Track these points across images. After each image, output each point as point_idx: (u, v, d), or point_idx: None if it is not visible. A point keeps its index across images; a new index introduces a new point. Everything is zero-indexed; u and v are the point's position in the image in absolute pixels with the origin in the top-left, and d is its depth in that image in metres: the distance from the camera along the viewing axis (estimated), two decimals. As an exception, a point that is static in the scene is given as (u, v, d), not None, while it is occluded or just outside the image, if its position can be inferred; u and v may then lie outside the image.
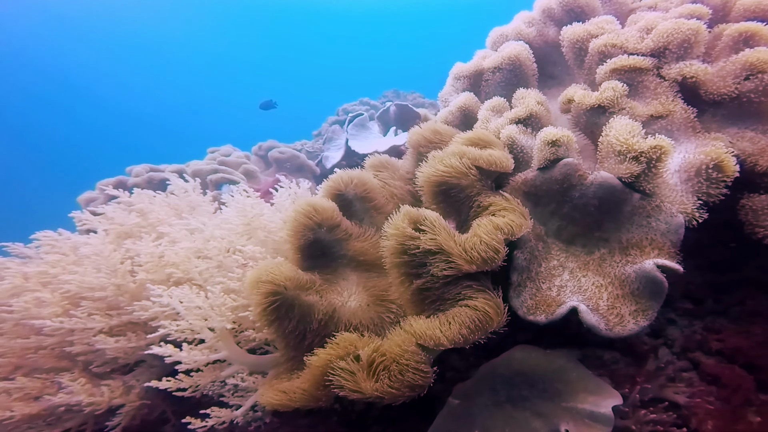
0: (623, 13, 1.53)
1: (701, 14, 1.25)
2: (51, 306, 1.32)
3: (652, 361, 1.20)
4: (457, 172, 1.02)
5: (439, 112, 1.49)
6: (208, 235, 1.39)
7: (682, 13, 1.25)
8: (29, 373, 1.36)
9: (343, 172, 1.17)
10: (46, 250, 1.51)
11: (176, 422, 1.34)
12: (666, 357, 1.23)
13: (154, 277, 1.35)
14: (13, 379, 1.32)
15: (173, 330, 1.13)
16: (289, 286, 0.96)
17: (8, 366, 1.35)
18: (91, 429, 1.37)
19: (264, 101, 4.85)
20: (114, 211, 1.64)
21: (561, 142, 1.07)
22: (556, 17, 1.49)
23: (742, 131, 1.14)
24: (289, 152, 3.11)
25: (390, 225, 0.94)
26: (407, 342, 0.82)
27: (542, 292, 0.99)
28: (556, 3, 1.45)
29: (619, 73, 1.19)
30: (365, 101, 4.70)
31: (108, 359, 1.36)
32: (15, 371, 1.37)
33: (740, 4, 1.33)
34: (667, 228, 0.99)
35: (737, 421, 1.09)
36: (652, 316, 0.94)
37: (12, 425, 1.29)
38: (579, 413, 0.93)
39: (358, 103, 4.65)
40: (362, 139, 2.29)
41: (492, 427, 0.98)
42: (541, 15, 1.52)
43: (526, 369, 1.00)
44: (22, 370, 1.37)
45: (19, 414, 1.25)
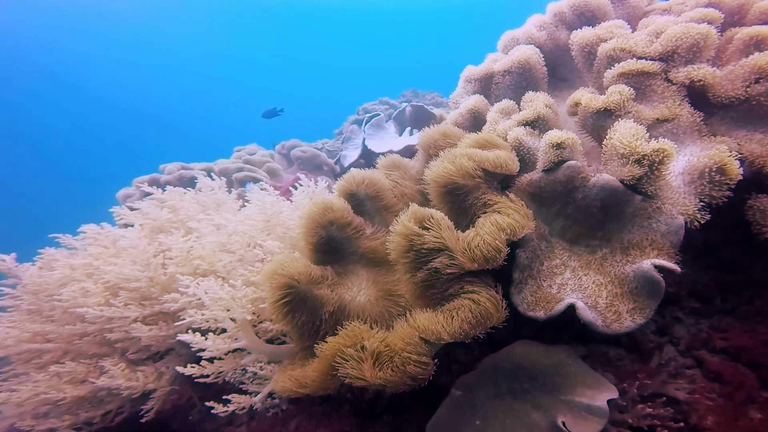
0: (636, 16, 1.52)
1: (713, 18, 1.23)
2: (94, 296, 1.42)
3: (656, 358, 1.21)
4: (463, 174, 1.05)
5: (450, 113, 1.52)
6: (232, 231, 1.46)
7: (693, 17, 1.24)
8: (75, 358, 1.46)
9: (355, 172, 1.22)
10: (90, 242, 1.62)
11: (202, 407, 1.42)
12: (670, 354, 1.23)
13: (182, 270, 1.44)
14: (63, 363, 1.43)
15: (199, 319, 1.20)
16: (301, 281, 1.02)
17: (58, 351, 1.46)
18: (128, 412, 1.47)
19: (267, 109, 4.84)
20: (148, 207, 1.74)
21: (566, 145, 1.08)
22: (568, 21, 1.49)
23: (751, 133, 1.13)
24: (310, 151, 3.19)
25: (397, 223, 0.99)
26: (410, 336, 0.87)
27: (543, 290, 1.02)
28: (567, 7, 1.46)
29: (627, 77, 1.19)
30: (384, 101, 4.74)
31: (142, 346, 1.45)
32: (63, 356, 1.47)
33: (757, 7, 1.31)
34: (668, 229, 1.00)
35: (738, 417, 1.09)
36: (649, 314, 0.95)
37: (64, 406, 1.40)
38: (576, 406, 0.95)
39: (378, 103, 4.70)
40: (378, 139, 2.34)
41: (493, 417, 1.01)
42: (553, 19, 1.52)
43: (527, 363, 1.03)
44: (70, 354, 1.47)
45: (69, 396, 1.35)
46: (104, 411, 1.44)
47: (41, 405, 1.38)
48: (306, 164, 3.16)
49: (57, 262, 1.52)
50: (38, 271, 1.52)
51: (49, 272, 1.49)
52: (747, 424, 1.08)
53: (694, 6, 1.39)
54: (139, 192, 3.12)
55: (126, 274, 1.43)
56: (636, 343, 1.24)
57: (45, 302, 1.49)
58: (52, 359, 1.46)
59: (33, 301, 1.48)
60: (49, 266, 1.54)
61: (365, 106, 4.62)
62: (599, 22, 1.44)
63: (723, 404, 1.12)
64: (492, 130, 1.29)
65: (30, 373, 1.42)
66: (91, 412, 1.43)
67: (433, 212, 0.98)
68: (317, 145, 3.92)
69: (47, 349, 1.45)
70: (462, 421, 1.00)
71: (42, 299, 1.49)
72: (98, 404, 1.45)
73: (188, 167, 3.13)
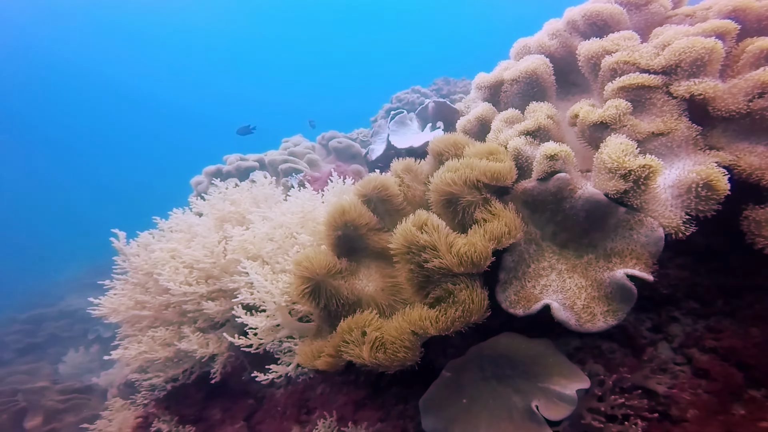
0: (655, 23, 1.46)
1: (726, 31, 1.18)
2: (178, 274, 1.67)
3: (647, 353, 1.25)
4: (460, 186, 1.13)
5: (460, 119, 1.58)
6: (276, 223, 1.66)
7: (705, 29, 1.19)
8: (162, 324, 1.75)
9: (370, 178, 1.34)
10: (173, 227, 1.90)
11: (251, 370, 1.66)
12: (663, 351, 1.26)
13: (238, 256, 1.66)
14: (155, 328, 1.72)
15: (249, 298, 1.42)
16: (320, 273, 1.17)
17: (151, 318, 1.75)
18: (198, 372, 1.75)
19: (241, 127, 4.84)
20: (216, 199, 1.99)
21: (558, 157, 1.13)
22: (580, 29, 1.47)
23: (753, 146, 1.10)
24: (345, 142, 3.36)
25: (399, 227, 1.10)
26: (402, 328, 0.99)
27: (526, 290, 1.09)
28: (580, 16, 1.44)
29: (626, 90, 1.19)
30: (416, 89, 4.73)
31: (208, 317, 1.71)
32: (155, 322, 1.77)
33: None
34: (647, 240, 1.03)
35: (720, 412, 1.11)
36: (621, 316, 1.00)
37: (159, 364, 1.70)
38: (550, 393, 1.04)
39: (410, 91, 4.70)
40: (401, 135, 2.42)
41: (479, 397, 1.13)
42: (566, 26, 1.51)
43: (510, 352, 1.13)
44: (158, 321, 1.76)
45: (161, 356, 1.65)
46: (182, 369, 1.73)
47: (143, 362, 1.69)
48: (342, 154, 3.34)
49: (153, 245, 1.80)
50: (141, 251, 1.82)
51: (150, 253, 1.78)
52: (727, 419, 1.10)
53: (719, 11, 1.32)
54: (207, 179, 3.47)
55: (197, 257, 1.67)
56: (629, 338, 1.28)
57: (145, 277, 1.79)
58: (147, 325, 1.76)
59: (137, 276, 1.78)
60: (145, 247, 1.84)
61: (398, 95, 4.65)
62: (612, 31, 1.41)
63: (707, 399, 1.15)
64: (495, 138, 1.34)
65: (136, 335, 1.74)
66: (175, 370, 1.73)
67: (431, 218, 1.09)
68: (353, 135, 4.05)
69: (144, 316, 1.74)
70: (451, 398, 1.13)
71: (141, 275, 1.79)
72: (178, 364, 1.74)
73: (245, 158, 3.41)
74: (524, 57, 1.50)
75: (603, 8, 1.39)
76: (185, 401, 1.76)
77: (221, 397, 1.73)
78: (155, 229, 1.96)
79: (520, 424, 1.04)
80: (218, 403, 1.72)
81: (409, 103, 4.47)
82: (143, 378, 1.76)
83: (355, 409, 1.35)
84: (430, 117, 2.33)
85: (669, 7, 1.49)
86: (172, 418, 1.72)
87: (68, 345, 5.95)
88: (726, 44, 1.22)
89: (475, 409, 1.11)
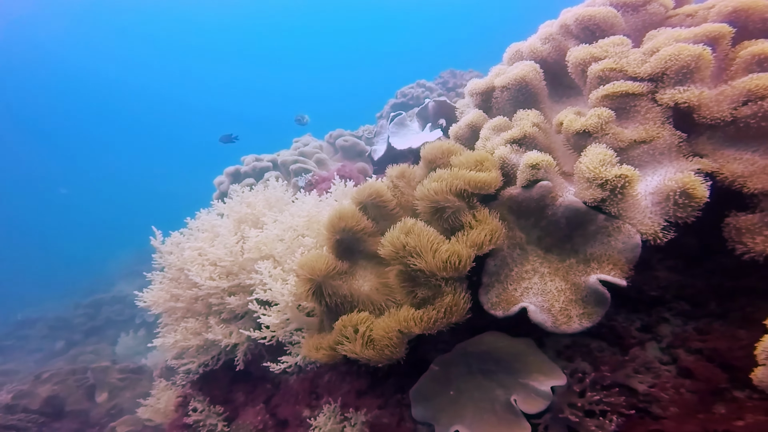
0: (655, 23, 1.41)
1: (720, 35, 1.14)
2: (205, 270, 1.81)
3: (635, 352, 1.26)
4: (445, 195, 1.17)
5: (452, 126, 1.59)
6: (286, 226, 1.75)
7: (697, 35, 1.15)
8: (192, 315, 1.90)
9: (365, 186, 1.40)
10: (200, 225, 2.04)
11: (269, 358, 1.77)
12: (650, 351, 1.27)
13: (253, 255, 1.77)
14: (187, 319, 1.87)
15: (263, 295, 1.52)
16: (320, 275, 1.25)
17: (184, 309, 1.90)
18: (224, 359, 1.89)
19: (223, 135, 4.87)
20: (234, 202, 2.12)
21: (540, 166, 1.14)
22: (573, 33, 1.44)
23: (739, 153, 1.07)
24: (351, 140, 3.45)
25: (387, 234, 1.16)
26: (389, 327, 1.06)
27: (508, 292, 1.13)
28: (573, 20, 1.41)
29: (611, 98, 1.18)
30: (422, 83, 4.67)
31: (230, 310, 1.84)
32: (186, 313, 1.92)
33: None
34: (624, 247, 1.04)
35: (700, 411, 1.12)
36: (596, 319, 1.03)
37: (192, 351, 1.85)
38: (529, 388, 1.08)
39: (416, 85, 4.65)
40: (401, 136, 2.45)
41: (465, 389, 1.18)
42: (560, 30, 1.48)
43: (494, 350, 1.17)
44: (190, 312, 1.91)
45: (193, 344, 1.80)
46: (209, 356, 1.88)
47: (179, 349, 1.85)
48: (348, 152, 3.42)
49: (183, 243, 1.94)
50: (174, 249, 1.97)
51: (181, 251, 1.92)
52: (707, 417, 1.11)
53: (719, 12, 1.26)
54: (228, 179, 3.64)
55: (219, 255, 1.80)
56: (618, 337, 1.29)
57: (178, 273, 1.94)
58: (181, 316, 1.92)
59: (172, 272, 1.94)
60: (177, 245, 1.99)
61: (402, 90, 4.61)
62: (606, 35, 1.38)
63: (689, 398, 1.16)
64: (483, 146, 1.36)
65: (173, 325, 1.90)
66: (205, 356, 1.88)
67: (416, 227, 1.14)
68: (359, 132, 4.10)
69: (178, 307, 1.89)
70: (439, 390, 1.19)
71: (175, 271, 1.93)
72: (207, 351, 1.89)
73: (260, 158, 3.56)
74: (516, 63, 1.49)
75: (596, 12, 1.36)
76: (215, 384, 1.91)
77: (244, 381, 1.87)
78: (186, 228, 2.11)
79: (501, 415, 1.09)
80: (242, 387, 1.86)
81: (413, 98, 4.44)
82: (180, 363, 1.92)
83: (357, 396, 1.44)
84: (431, 116, 2.35)
85: (671, 6, 1.43)
86: (205, 398, 1.88)
87: (121, 328, 6.45)
88: (721, 48, 1.19)
89: (461, 401, 1.17)
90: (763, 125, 1.02)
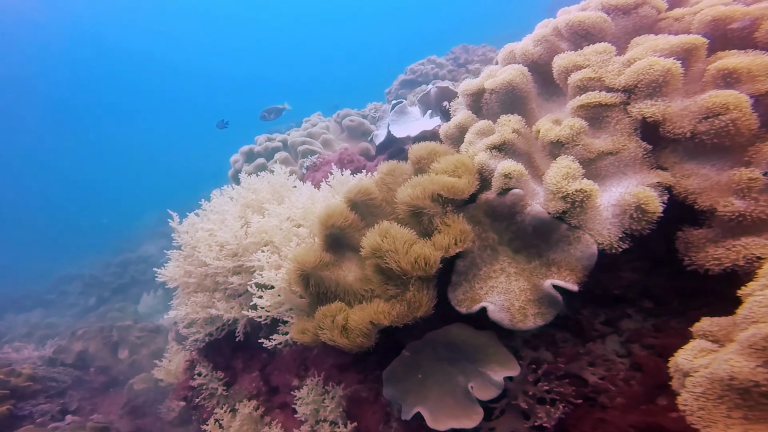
0: (646, 26, 1.42)
1: (694, 47, 1.16)
2: (213, 251, 1.97)
3: (588, 346, 1.37)
4: (422, 200, 1.26)
5: (443, 125, 1.65)
6: (284, 216, 1.88)
7: (673, 46, 1.18)
8: (201, 290, 2.08)
9: (354, 184, 1.50)
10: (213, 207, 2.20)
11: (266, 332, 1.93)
12: (609, 344, 1.37)
13: (255, 239, 1.91)
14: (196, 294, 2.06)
15: (261, 279, 1.67)
16: (308, 266, 1.38)
17: (195, 284, 2.09)
18: (227, 330, 2.07)
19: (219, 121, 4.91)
20: (241, 189, 2.25)
21: (512, 176, 1.22)
22: (565, 37, 1.46)
23: (698, 167, 1.12)
24: (357, 120, 3.51)
25: (367, 235, 1.27)
26: (362, 319, 1.19)
27: (474, 291, 1.24)
28: (564, 25, 1.42)
29: (585, 108, 1.22)
30: (432, 59, 4.60)
31: (233, 287, 2.01)
32: (197, 287, 2.11)
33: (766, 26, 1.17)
34: (582, 255, 1.12)
35: (644, 402, 1.23)
36: (548, 318, 1.13)
37: (200, 322, 2.05)
38: (485, 377, 1.21)
39: (426, 62, 4.59)
40: (401, 124, 2.51)
41: (432, 373, 1.32)
42: (552, 33, 1.49)
43: (458, 340, 1.30)
44: (200, 287, 2.10)
45: (200, 316, 1.99)
46: (215, 327, 2.08)
47: (189, 321, 2.04)
48: (353, 132, 3.50)
49: (198, 225, 2.12)
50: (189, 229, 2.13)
51: (195, 232, 2.09)
52: (648, 408, 1.22)
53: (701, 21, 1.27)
54: (242, 157, 3.77)
55: (226, 238, 1.95)
56: (582, 330, 1.40)
57: (191, 251, 2.11)
58: (193, 290, 2.11)
59: (187, 250, 2.12)
60: (192, 226, 2.15)
61: (412, 67, 4.57)
62: (596, 39, 1.40)
63: (636, 390, 1.27)
64: (466, 150, 1.43)
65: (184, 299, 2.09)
66: (210, 327, 2.08)
67: (392, 230, 1.24)
68: (365, 111, 4.13)
69: (191, 282, 2.08)
70: (408, 373, 1.34)
71: (189, 249, 2.11)
72: (212, 323, 2.08)
73: (272, 138, 3.67)
74: (506, 66, 1.52)
75: (586, 18, 1.37)
76: (218, 352, 2.12)
77: (243, 351, 2.06)
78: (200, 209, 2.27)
79: (459, 400, 1.23)
80: (241, 355, 2.06)
81: (423, 75, 4.40)
82: (190, 332, 2.13)
83: (340, 371, 1.61)
84: (433, 103, 2.38)
85: (663, 8, 1.43)
86: (209, 364, 2.10)
87: (144, 288, 6.89)
88: (695, 60, 1.20)
89: (427, 384, 1.31)
90: (715, 142, 1.06)
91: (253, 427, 1.84)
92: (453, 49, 5.07)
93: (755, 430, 0.63)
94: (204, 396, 2.08)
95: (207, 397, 2.08)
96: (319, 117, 3.81)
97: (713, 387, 0.69)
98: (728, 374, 0.67)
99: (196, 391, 2.07)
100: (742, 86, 1.05)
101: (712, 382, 0.69)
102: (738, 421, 0.65)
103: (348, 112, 3.72)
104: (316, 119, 3.75)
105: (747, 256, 0.99)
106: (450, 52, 5.05)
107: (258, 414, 1.88)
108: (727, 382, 0.67)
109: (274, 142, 3.44)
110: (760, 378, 0.64)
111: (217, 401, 2.05)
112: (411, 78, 4.48)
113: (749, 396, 0.66)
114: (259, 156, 3.41)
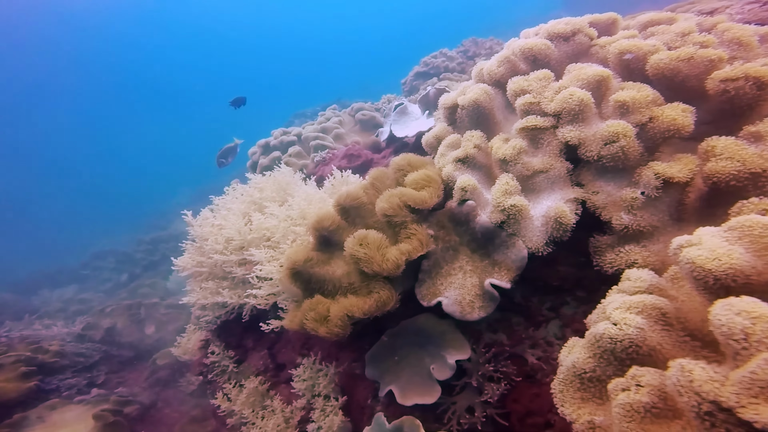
0: (581, 52, 1.65)
1: (603, 78, 1.39)
2: (219, 244, 2.29)
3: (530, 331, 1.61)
4: (394, 209, 1.52)
5: (424, 135, 1.89)
6: (284, 216, 2.17)
7: (589, 77, 1.39)
8: (212, 278, 2.41)
9: (343, 191, 1.76)
10: (225, 203, 2.51)
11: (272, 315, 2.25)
12: (551, 328, 1.62)
13: (257, 235, 2.21)
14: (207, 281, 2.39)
15: (261, 271, 1.98)
16: (299, 264, 1.66)
17: (206, 273, 2.41)
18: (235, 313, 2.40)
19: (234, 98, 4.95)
20: (248, 187, 2.56)
21: (467, 189, 1.47)
22: (521, 58, 1.67)
23: (605, 185, 1.36)
24: (369, 114, 3.75)
25: (348, 240, 1.54)
26: (339, 311, 1.47)
27: (435, 286, 1.51)
28: (518, 50, 1.63)
29: (525, 131, 1.46)
30: (443, 52, 4.78)
31: (238, 277, 2.33)
32: (208, 276, 2.43)
33: (652, 60, 1.36)
34: (515, 257, 1.38)
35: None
36: (489, 311, 1.41)
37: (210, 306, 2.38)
38: (443, 359, 1.49)
39: (438, 54, 4.78)
40: (402, 124, 2.77)
41: (405, 356, 1.62)
42: (512, 54, 1.70)
43: (426, 328, 1.58)
44: (210, 276, 2.44)
45: (210, 302, 2.33)
46: (224, 311, 2.42)
47: (201, 305, 2.39)
48: (365, 125, 3.74)
49: (209, 219, 2.44)
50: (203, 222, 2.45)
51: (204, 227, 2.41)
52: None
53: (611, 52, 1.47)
54: (259, 150, 4.05)
55: (232, 234, 2.26)
56: (532, 315, 1.65)
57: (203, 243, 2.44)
58: (204, 278, 2.45)
59: (199, 242, 2.44)
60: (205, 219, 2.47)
61: (425, 60, 4.76)
62: (543, 62, 1.62)
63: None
64: (438, 161, 1.68)
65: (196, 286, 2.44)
66: (220, 311, 2.42)
67: (368, 237, 1.50)
68: (379, 104, 4.34)
69: (202, 272, 2.42)
70: (387, 355, 1.63)
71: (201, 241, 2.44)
72: (222, 307, 2.43)
73: (287, 131, 3.94)
74: (473, 86, 1.73)
75: (534, 44, 1.59)
76: (229, 332, 2.47)
77: (253, 331, 2.40)
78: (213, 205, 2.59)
79: (425, 379, 1.53)
80: (251, 335, 2.40)
81: (434, 68, 4.59)
82: (203, 314, 2.48)
83: (338, 349, 1.92)
84: (432, 103, 2.62)
85: (594, 36, 1.66)
86: (221, 343, 2.45)
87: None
88: (605, 90, 1.42)
89: (401, 365, 1.61)
90: (613, 165, 1.30)
91: (258, 399, 2.19)
92: (463, 42, 5.29)
93: (585, 406, 0.89)
94: (216, 372, 2.45)
95: (219, 373, 2.45)
96: (333, 111, 4.07)
97: (567, 374, 0.95)
98: (572, 363, 0.93)
99: (210, 368, 2.44)
100: (629, 116, 1.26)
101: (567, 369, 0.95)
102: (578, 399, 0.92)
103: (361, 105, 3.98)
104: (330, 113, 4.01)
105: (628, 261, 1.23)
106: (460, 44, 5.28)
107: (264, 388, 2.23)
108: (572, 370, 0.93)
109: (289, 135, 3.72)
110: (587, 367, 0.90)
111: (228, 377, 2.41)
112: (424, 70, 4.69)
113: (582, 380, 0.92)
114: (275, 149, 3.70)
